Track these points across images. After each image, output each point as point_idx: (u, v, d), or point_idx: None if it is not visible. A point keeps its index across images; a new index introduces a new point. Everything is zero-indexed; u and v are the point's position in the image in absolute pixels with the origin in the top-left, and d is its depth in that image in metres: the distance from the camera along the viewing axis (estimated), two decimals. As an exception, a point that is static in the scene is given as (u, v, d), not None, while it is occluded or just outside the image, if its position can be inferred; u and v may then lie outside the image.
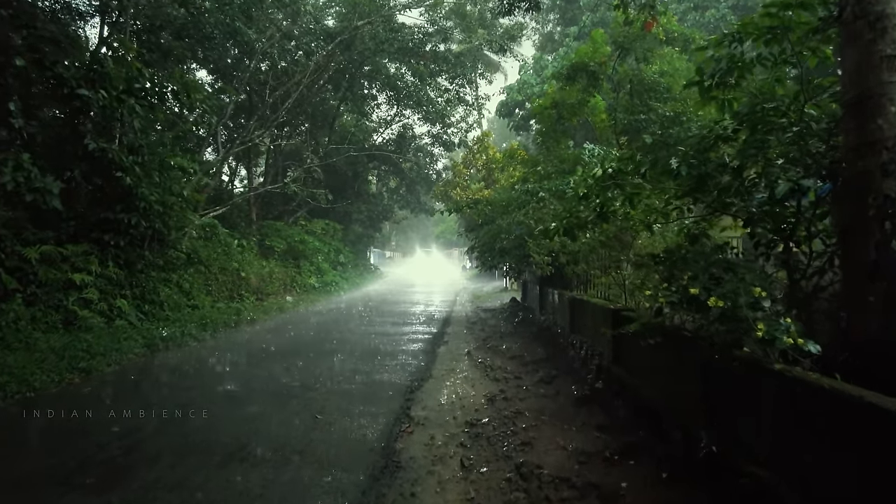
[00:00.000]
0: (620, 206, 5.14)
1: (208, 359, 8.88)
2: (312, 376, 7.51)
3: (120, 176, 10.32)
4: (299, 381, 7.17)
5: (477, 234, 11.91)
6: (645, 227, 5.47)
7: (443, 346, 10.16)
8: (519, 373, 7.89)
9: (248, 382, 7.16)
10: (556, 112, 12.91)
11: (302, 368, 8.02)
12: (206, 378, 7.54)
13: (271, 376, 7.50)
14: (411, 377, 7.58)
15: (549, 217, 6.83)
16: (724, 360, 3.42)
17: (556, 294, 9.72)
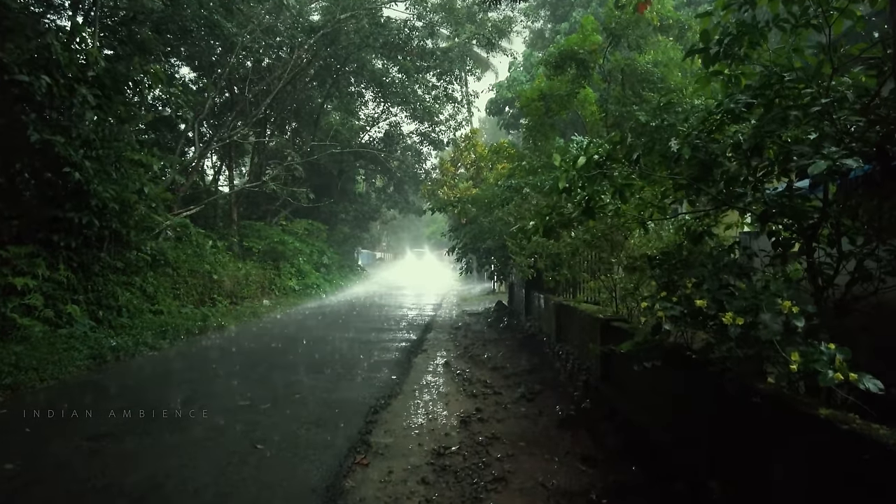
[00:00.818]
0: (610, 201, 4.39)
1: (157, 372, 8.05)
2: (267, 394, 6.70)
3: (69, 171, 9.45)
4: (250, 400, 6.36)
5: (458, 234, 11.13)
6: (638, 225, 4.72)
7: (420, 355, 9.38)
8: (499, 387, 7.12)
9: (191, 402, 6.33)
10: (543, 104, 12.16)
11: (257, 384, 7.21)
12: (145, 396, 6.70)
13: (221, 394, 6.68)
14: (379, 394, 6.79)
15: (531, 214, 6.07)
16: (741, 393, 2.66)
17: (542, 299, 8.96)
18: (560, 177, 3.78)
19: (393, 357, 8.99)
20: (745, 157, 3.59)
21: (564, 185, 3.78)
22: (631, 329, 4.77)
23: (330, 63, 25.57)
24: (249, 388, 6.97)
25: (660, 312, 3.10)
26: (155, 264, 13.21)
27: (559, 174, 3.83)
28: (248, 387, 7.02)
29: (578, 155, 3.76)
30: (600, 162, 3.79)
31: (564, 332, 7.30)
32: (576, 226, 5.26)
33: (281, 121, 27.82)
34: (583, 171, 3.74)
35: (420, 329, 12.16)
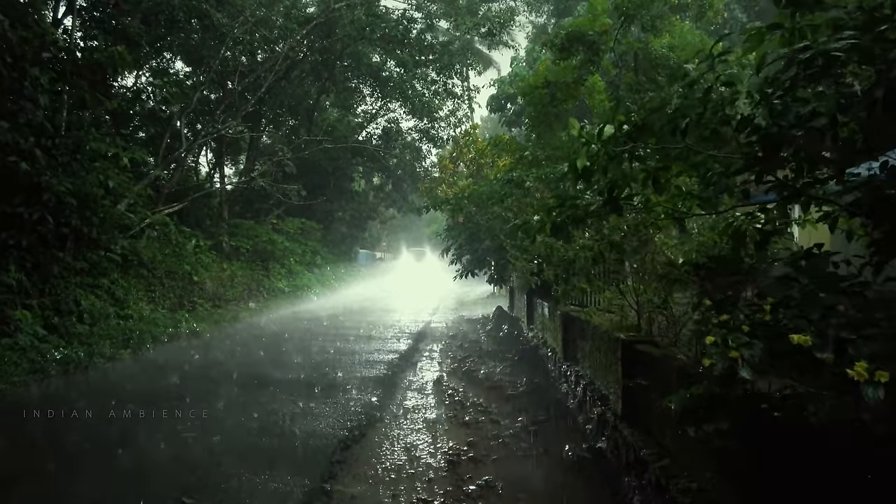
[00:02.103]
0: (641, 189, 3.34)
1: (99, 390, 6.99)
2: (220, 422, 5.66)
3: (15, 161, 8.43)
4: (198, 430, 5.31)
5: (452, 234, 10.08)
6: (672, 222, 3.67)
7: (409, 370, 8.34)
8: (497, 413, 6.06)
9: (129, 432, 5.29)
10: (548, 92, 11.10)
11: (213, 407, 6.15)
12: (74, 426, 5.63)
13: (165, 420, 5.62)
14: (355, 421, 5.73)
15: (534, 209, 5.03)
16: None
17: (546, 307, 7.91)
18: (579, 153, 2.74)
19: (377, 373, 7.92)
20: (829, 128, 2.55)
21: (584, 163, 2.74)
22: (663, 355, 3.72)
23: (325, 56, 24.58)
24: (201, 412, 5.90)
25: (734, 352, 2.05)
26: (127, 265, 12.19)
27: (578, 149, 2.79)
28: (200, 410, 5.96)
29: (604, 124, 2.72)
30: (632, 133, 2.75)
31: (573, 348, 6.25)
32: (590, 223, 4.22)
33: (276, 117, 26.83)
34: (610, 145, 2.70)
35: (412, 337, 11.10)
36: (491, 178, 9.98)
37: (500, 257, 8.88)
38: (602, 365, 4.94)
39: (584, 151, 2.76)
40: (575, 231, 3.93)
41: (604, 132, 2.72)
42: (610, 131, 2.73)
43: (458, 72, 27.83)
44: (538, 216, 3.32)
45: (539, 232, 3.27)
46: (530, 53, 28.41)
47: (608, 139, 2.71)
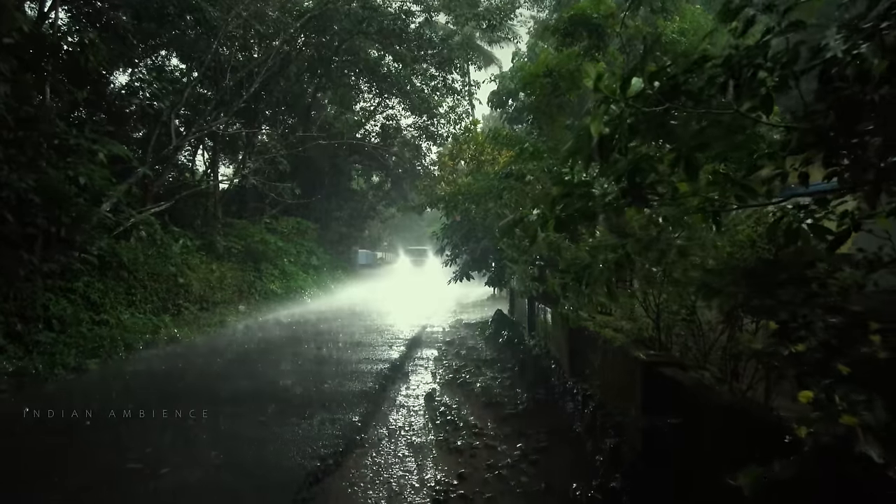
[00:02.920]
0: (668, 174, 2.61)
1: (50, 407, 6.25)
2: (171, 452, 4.92)
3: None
4: (145, 461, 4.58)
5: (447, 233, 9.35)
6: (708, 217, 2.94)
7: (399, 382, 7.61)
8: (493, 436, 5.34)
9: (56, 469, 4.58)
10: (550, 82, 10.34)
11: (166, 434, 5.43)
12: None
13: (104, 451, 4.88)
14: (331, 447, 5.00)
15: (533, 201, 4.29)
16: None
17: (549, 313, 7.17)
18: (593, 117, 2.03)
19: (363, 386, 7.19)
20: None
21: (600, 128, 2.02)
22: (697, 384, 2.99)
23: (322, 52, 23.91)
24: (152, 438, 5.19)
25: (848, 418, 1.33)
26: (104, 267, 11.50)
27: (592, 109, 2.07)
28: (150, 436, 5.24)
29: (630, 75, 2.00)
30: (667, 90, 2.02)
31: (581, 362, 5.52)
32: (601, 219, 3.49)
33: (274, 115, 26.16)
34: (638, 104, 1.98)
35: (406, 344, 10.37)
36: (489, 173, 9.26)
37: (499, 258, 8.15)
38: (616, 385, 4.22)
39: (602, 112, 2.04)
40: (584, 229, 3.20)
41: (630, 86, 2.00)
42: (638, 86, 2.01)
43: (458, 67, 27.13)
44: (538, 210, 2.59)
45: (541, 228, 2.54)
46: (532, 49, 27.66)
47: (637, 96, 1.98)
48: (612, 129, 2.09)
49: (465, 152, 22.58)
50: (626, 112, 2.03)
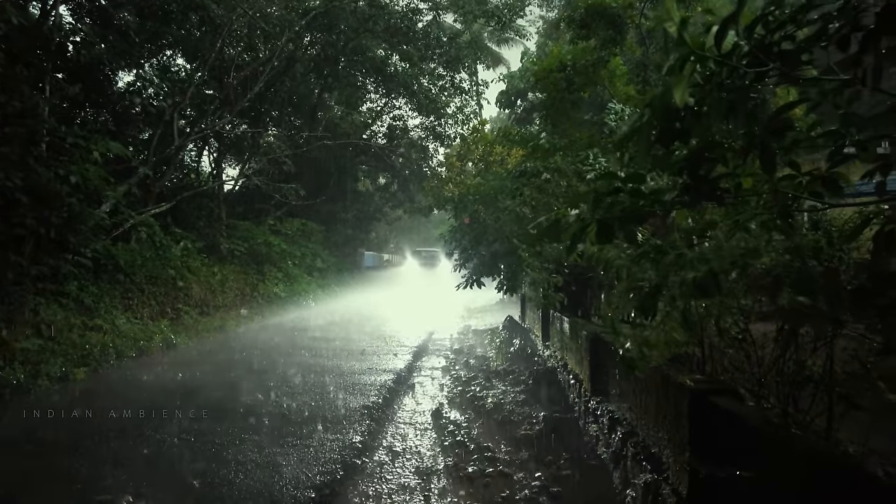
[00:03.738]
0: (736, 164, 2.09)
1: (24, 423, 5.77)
2: (154, 473, 4.44)
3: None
4: (112, 491, 4.08)
5: (454, 236, 8.84)
6: (778, 216, 2.42)
7: (405, 396, 7.11)
8: (508, 462, 4.81)
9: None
10: (564, 77, 9.83)
11: (152, 452, 4.94)
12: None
13: (78, 476, 4.39)
14: (327, 474, 4.49)
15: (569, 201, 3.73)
16: None
17: (566, 322, 6.63)
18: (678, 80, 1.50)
19: (366, 401, 6.66)
20: None
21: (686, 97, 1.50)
22: (762, 423, 2.46)
23: (328, 51, 23.51)
24: (135, 458, 4.70)
25: None
26: (100, 270, 11.07)
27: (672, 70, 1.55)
28: (135, 455, 4.75)
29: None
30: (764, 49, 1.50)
31: (605, 379, 4.99)
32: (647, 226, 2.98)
33: (280, 116, 25.79)
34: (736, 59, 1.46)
35: (412, 353, 9.85)
36: (501, 173, 8.74)
37: (510, 262, 7.62)
38: (651, 411, 3.69)
39: (690, 72, 1.52)
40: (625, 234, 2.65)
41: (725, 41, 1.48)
42: (731, 40, 1.49)
43: (466, 66, 26.67)
44: (577, 210, 2.07)
45: (581, 234, 2.02)
46: (542, 48, 27.14)
47: (731, 50, 1.46)
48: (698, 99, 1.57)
49: (473, 153, 22.08)
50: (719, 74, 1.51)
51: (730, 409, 2.64)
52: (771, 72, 1.52)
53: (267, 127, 24.77)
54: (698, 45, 1.51)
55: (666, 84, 1.60)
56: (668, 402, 3.30)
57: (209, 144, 21.60)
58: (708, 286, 1.83)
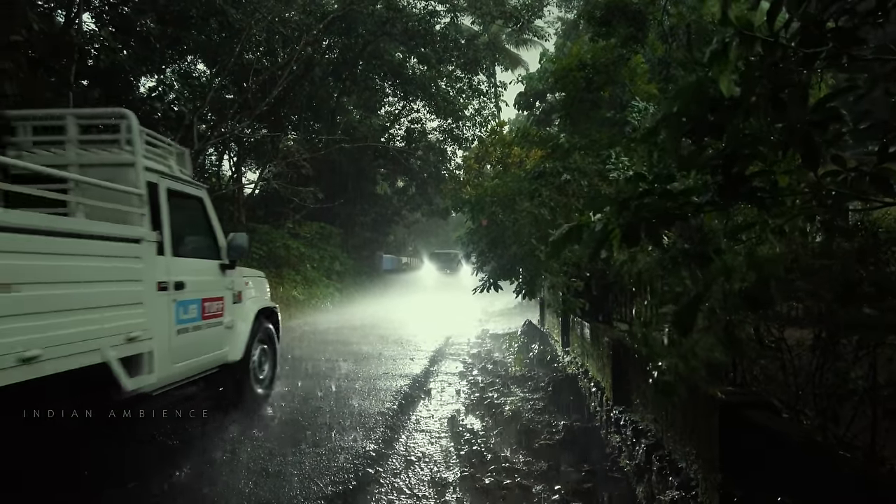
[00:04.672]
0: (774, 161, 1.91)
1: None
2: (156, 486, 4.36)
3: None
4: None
5: (472, 239, 8.68)
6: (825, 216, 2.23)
7: (420, 401, 6.97)
8: (526, 473, 4.64)
9: None
10: (583, 76, 9.64)
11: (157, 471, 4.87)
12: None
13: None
14: (339, 484, 4.36)
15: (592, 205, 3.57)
16: None
17: (587, 328, 6.45)
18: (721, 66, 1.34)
19: (381, 406, 6.53)
20: None
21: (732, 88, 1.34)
22: (804, 442, 2.27)
23: (346, 55, 23.60)
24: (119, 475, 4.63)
25: None
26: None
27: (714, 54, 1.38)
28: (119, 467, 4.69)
29: None
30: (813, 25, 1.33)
31: (628, 388, 4.79)
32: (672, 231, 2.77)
33: (300, 120, 25.94)
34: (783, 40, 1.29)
35: (428, 357, 9.71)
36: (519, 174, 8.57)
37: (529, 265, 7.44)
38: (678, 423, 3.49)
39: (736, 57, 1.35)
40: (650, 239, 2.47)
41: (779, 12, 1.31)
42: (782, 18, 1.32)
43: (484, 68, 26.54)
44: (601, 214, 1.91)
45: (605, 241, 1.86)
46: (560, 49, 26.89)
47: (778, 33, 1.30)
48: (745, 82, 1.40)
49: (491, 155, 21.93)
50: (769, 57, 1.34)
51: (766, 425, 2.45)
52: (824, 53, 1.34)
53: (286, 131, 24.91)
54: (745, 23, 1.34)
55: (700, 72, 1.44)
56: (697, 414, 3.11)
57: (229, 148, 21.82)
58: (760, 297, 1.65)
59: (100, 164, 4.42)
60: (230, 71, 18.21)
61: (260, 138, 22.62)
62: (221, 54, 18.12)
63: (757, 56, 1.38)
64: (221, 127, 19.01)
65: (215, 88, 18.56)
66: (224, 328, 5.48)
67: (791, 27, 1.35)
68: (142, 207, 4.26)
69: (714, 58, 1.38)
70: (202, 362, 5.13)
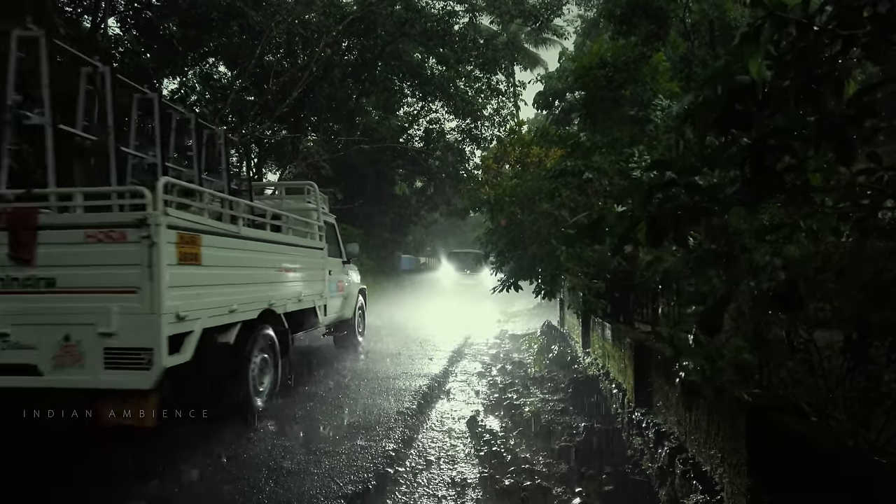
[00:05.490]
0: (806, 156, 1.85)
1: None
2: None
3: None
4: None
5: (490, 239, 8.63)
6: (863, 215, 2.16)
7: (439, 401, 6.95)
8: (547, 475, 4.59)
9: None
10: (604, 74, 9.53)
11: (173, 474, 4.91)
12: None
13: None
14: (359, 483, 4.36)
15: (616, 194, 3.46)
16: None
17: (608, 329, 6.36)
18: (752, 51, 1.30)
19: (399, 406, 6.51)
20: None
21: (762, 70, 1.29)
22: (834, 446, 2.20)
23: (365, 56, 23.71)
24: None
25: None
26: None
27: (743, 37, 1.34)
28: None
29: None
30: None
31: (649, 391, 4.71)
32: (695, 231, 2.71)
33: (320, 122, 26.13)
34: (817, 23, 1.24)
35: (447, 357, 9.69)
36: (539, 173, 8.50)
37: (548, 265, 7.38)
38: (702, 426, 3.42)
39: (768, 38, 1.30)
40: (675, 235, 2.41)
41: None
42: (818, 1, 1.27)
43: (503, 68, 26.44)
44: (623, 207, 1.87)
45: (628, 235, 1.82)
46: (580, 48, 26.66)
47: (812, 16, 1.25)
48: (775, 74, 1.35)
49: (510, 154, 21.84)
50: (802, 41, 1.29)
51: (795, 429, 2.38)
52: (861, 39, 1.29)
53: (306, 132, 25.13)
54: (777, 3, 1.30)
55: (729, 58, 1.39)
56: (722, 417, 3.04)
57: (249, 150, 22.04)
58: (789, 297, 1.59)
59: (300, 209, 8.34)
60: (251, 73, 18.42)
61: (280, 140, 22.86)
62: (242, 56, 18.34)
63: (789, 39, 1.33)
64: (243, 129, 19.22)
65: (236, 90, 18.78)
66: (343, 298, 9.49)
67: (825, 12, 1.30)
68: (319, 231, 8.28)
69: (745, 40, 1.33)
70: (337, 316, 9.14)
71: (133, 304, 4.10)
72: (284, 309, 6.35)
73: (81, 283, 4.19)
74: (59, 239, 4.26)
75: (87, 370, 4.11)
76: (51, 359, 4.13)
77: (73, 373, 4.12)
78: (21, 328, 4.19)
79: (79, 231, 4.26)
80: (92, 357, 4.10)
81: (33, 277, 4.21)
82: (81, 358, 4.11)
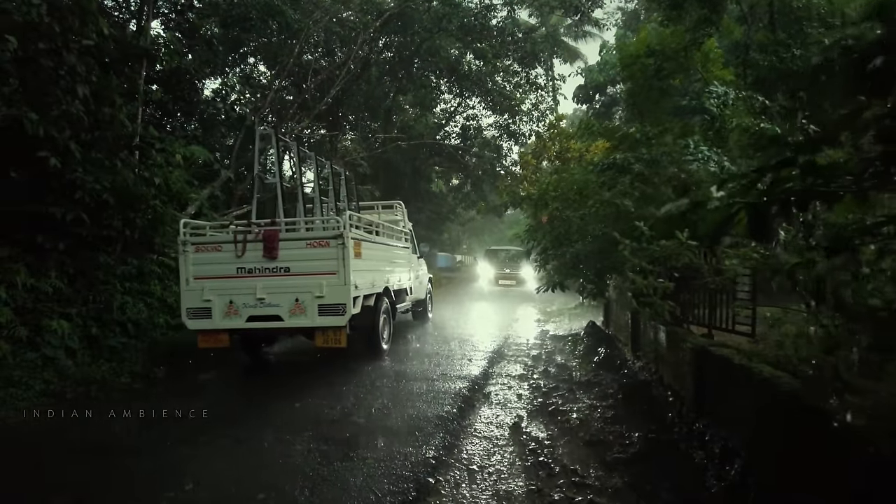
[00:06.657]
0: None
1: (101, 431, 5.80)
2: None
3: (45, 156, 7.59)
4: None
5: (533, 236, 8.28)
6: None
7: (480, 405, 6.65)
8: (600, 490, 4.23)
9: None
10: (652, 63, 9.06)
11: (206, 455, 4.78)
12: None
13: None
14: (399, 495, 4.11)
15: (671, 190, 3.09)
16: None
17: (663, 332, 5.95)
18: None
19: (438, 410, 6.22)
20: None
21: None
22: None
23: (402, 53, 23.60)
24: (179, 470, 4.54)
25: None
26: (182, 270, 11.45)
27: None
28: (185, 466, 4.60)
29: None
30: None
31: (714, 399, 4.31)
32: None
33: (358, 120, 26.16)
34: None
35: (486, 357, 9.36)
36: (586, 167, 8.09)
37: (595, 263, 6.99)
38: (782, 444, 3.03)
39: None
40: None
41: None
42: None
43: (542, 61, 25.92)
44: (723, 192, 1.54)
45: (726, 226, 1.50)
46: (620, 39, 25.95)
47: None
48: None
49: (549, 150, 21.39)
50: None
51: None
52: None
53: (344, 130, 25.16)
54: None
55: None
56: (805, 435, 2.65)
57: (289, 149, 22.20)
58: None
59: (390, 220, 11.91)
60: (290, 72, 18.48)
61: (319, 138, 22.95)
62: (281, 55, 18.43)
63: None
64: (282, 127, 19.31)
65: (275, 89, 18.87)
66: (419, 282, 12.80)
67: None
68: (407, 237, 12.12)
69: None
70: (416, 297, 12.52)
71: (334, 280, 7.50)
72: (393, 287, 9.94)
73: (304, 269, 7.58)
74: (292, 246, 7.75)
75: (309, 317, 7.53)
76: (288, 311, 7.56)
77: (301, 319, 7.56)
78: (271, 294, 7.59)
79: (302, 241, 7.87)
80: (311, 310, 7.52)
81: (277, 267, 7.66)
82: (305, 310, 7.53)
